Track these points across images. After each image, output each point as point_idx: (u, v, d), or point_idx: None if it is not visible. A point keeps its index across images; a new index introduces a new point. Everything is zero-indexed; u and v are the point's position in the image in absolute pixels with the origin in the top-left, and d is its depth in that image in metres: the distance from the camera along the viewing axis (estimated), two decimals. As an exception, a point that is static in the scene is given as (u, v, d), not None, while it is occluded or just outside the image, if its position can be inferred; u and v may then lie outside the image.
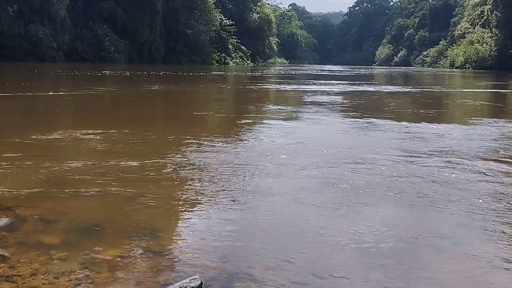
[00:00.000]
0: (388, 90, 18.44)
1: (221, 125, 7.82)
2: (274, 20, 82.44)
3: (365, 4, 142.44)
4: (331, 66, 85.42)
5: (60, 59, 37.44)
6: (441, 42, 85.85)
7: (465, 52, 67.56)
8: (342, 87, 18.78)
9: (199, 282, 2.06)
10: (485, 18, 67.07)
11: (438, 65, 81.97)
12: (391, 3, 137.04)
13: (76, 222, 2.81)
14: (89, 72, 23.71)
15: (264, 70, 41.82)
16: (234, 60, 61.98)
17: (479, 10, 69.68)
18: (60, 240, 2.53)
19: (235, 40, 64.03)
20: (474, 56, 65.38)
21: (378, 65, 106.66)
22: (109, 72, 24.83)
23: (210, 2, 55.67)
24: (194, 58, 52.11)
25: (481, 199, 3.47)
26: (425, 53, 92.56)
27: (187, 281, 2.06)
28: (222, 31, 59.89)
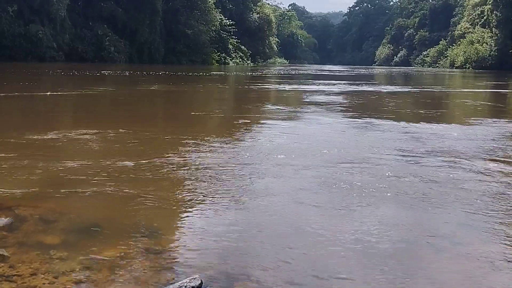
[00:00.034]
0: (387, 90, 18.44)
1: (219, 125, 7.81)
2: (274, 20, 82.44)
3: (365, 4, 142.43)
4: (331, 66, 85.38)
5: (60, 59, 37.44)
6: (441, 42, 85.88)
7: (465, 52, 67.58)
8: (342, 87, 18.78)
9: (199, 281, 2.06)
10: (485, 18, 67.09)
11: (438, 65, 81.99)
12: (391, 3, 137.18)
13: (76, 222, 2.81)
14: (88, 72, 23.71)
15: (264, 70, 41.81)
16: (234, 60, 61.97)
17: (479, 10, 69.70)
18: (60, 240, 2.53)
19: (235, 40, 64.02)
20: (474, 56, 65.40)
21: (378, 65, 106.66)
22: (108, 72, 24.82)
23: (210, 2, 55.68)
24: (194, 58, 52.12)
25: (481, 199, 3.47)
26: (425, 53, 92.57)
27: (187, 280, 2.06)
28: (222, 31, 59.89)
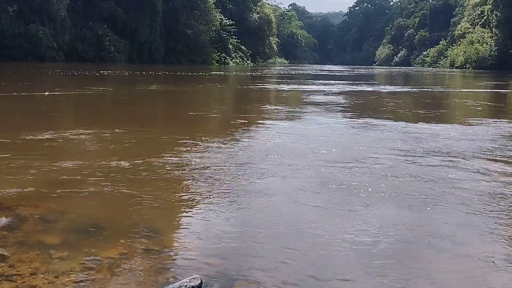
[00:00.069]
0: (387, 90, 18.44)
1: (218, 125, 7.81)
2: (274, 20, 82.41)
3: (365, 4, 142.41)
4: (331, 66, 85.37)
5: (60, 59, 37.43)
6: (441, 42, 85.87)
7: (465, 52, 67.58)
8: (341, 87, 18.78)
9: (199, 281, 2.06)
10: (485, 18, 67.09)
11: (438, 65, 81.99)
12: (391, 3, 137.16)
13: (76, 222, 2.81)
14: (87, 72, 23.71)
15: (264, 70, 41.81)
16: (234, 60, 61.96)
17: (479, 10, 69.71)
18: (60, 239, 2.53)
19: (235, 40, 64.00)
20: (474, 56, 65.39)
21: (378, 65, 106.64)
22: (108, 72, 24.82)
23: (210, 2, 55.66)
24: (194, 58, 52.10)
25: (481, 199, 3.47)
26: (425, 53, 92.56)
27: (187, 280, 2.06)
28: (222, 31, 59.88)
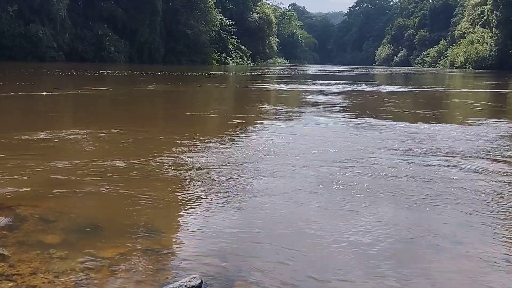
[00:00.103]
0: (386, 90, 18.44)
1: (217, 125, 7.80)
2: (274, 20, 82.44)
3: (365, 4, 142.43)
4: (331, 66, 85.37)
5: (60, 59, 37.43)
6: (441, 42, 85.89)
7: (465, 52, 67.59)
8: (341, 87, 18.78)
9: (199, 281, 2.06)
10: (485, 18, 67.11)
11: (438, 65, 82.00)
12: (391, 3, 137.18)
13: (76, 222, 2.81)
14: (87, 72, 23.71)
15: (263, 70, 41.81)
16: (234, 60, 61.97)
17: (479, 10, 69.73)
18: (60, 239, 2.53)
19: (235, 40, 64.02)
20: (474, 56, 65.41)
21: (378, 65, 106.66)
22: (108, 72, 24.82)
23: (210, 2, 55.67)
24: (194, 58, 52.11)
25: (481, 199, 3.47)
26: (425, 53, 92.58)
27: (187, 280, 2.06)
28: (222, 31, 59.89)
